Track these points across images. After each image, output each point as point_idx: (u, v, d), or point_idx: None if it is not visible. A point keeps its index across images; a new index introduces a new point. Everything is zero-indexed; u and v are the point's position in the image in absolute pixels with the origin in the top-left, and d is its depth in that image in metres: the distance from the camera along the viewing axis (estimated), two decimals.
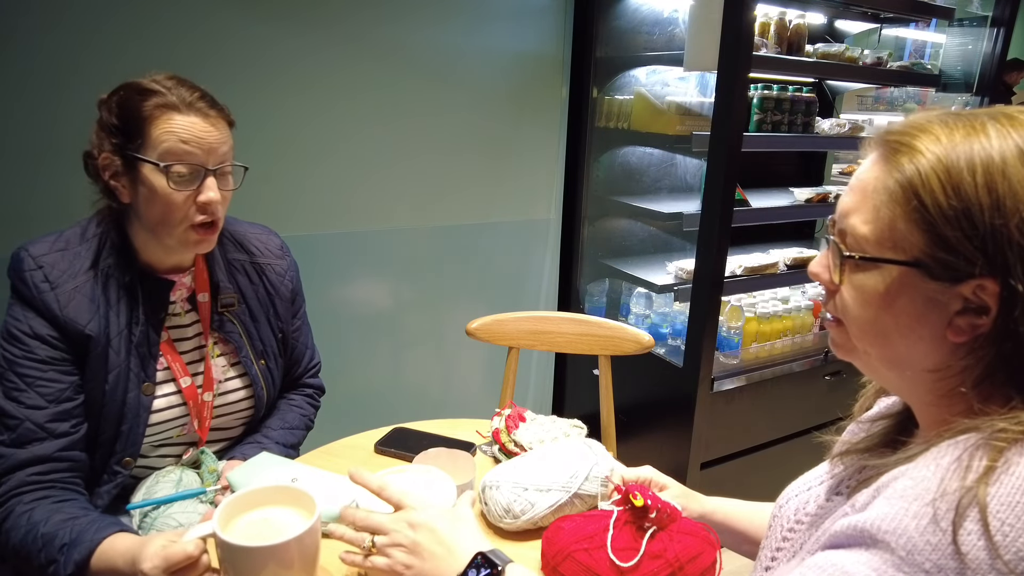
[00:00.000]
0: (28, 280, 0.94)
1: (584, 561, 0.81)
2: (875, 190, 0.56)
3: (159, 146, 0.93)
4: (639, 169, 2.38)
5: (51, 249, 0.97)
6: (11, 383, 0.93)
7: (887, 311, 0.57)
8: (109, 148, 0.95)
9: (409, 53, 1.90)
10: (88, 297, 0.97)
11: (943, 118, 0.56)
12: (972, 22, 2.30)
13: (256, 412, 1.17)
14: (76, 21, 1.46)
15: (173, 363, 1.05)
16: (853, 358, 0.65)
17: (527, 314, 1.60)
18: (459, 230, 2.15)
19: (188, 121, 0.94)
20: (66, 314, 0.95)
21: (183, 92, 0.95)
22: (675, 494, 0.94)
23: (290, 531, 0.74)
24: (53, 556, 0.86)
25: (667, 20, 2.14)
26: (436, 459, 1.01)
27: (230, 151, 1.00)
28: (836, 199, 2.24)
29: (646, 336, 1.51)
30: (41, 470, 0.93)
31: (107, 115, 0.95)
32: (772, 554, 0.70)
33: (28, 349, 0.94)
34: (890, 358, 0.60)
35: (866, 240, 0.57)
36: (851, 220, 0.58)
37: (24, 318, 0.95)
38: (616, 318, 2.38)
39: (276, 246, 1.21)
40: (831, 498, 0.68)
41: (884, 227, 0.56)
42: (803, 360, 2.11)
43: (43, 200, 1.49)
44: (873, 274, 0.57)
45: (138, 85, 0.95)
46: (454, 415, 1.37)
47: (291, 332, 1.22)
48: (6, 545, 0.90)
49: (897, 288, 0.56)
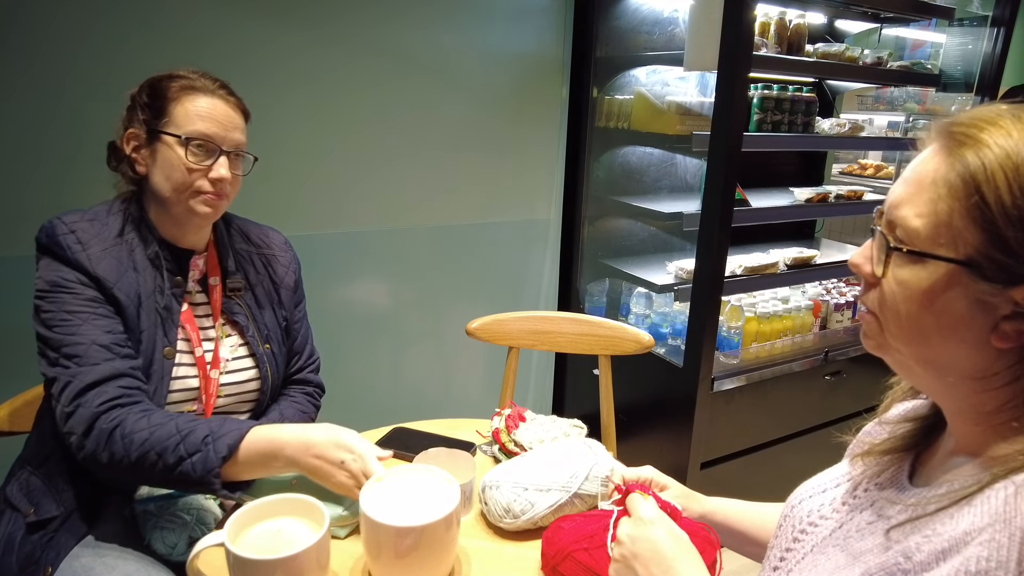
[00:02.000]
0: (63, 242, 1.00)
1: (584, 561, 0.81)
2: (933, 182, 0.53)
3: (182, 122, 1.03)
4: (639, 169, 2.38)
5: (81, 219, 1.04)
6: (65, 321, 0.97)
7: (929, 309, 0.54)
8: (137, 124, 1.05)
9: (409, 53, 1.90)
10: (116, 259, 1.03)
11: (1015, 112, 0.53)
12: (972, 22, 2.30)
13: (261, 395, 1.20)
14: (77, 22, 1.46)
15: (192, 332, 1.10)
16: (884, 354, 0.61)
17: (527, 314, 1.60)
18: (459, 230, 2.15)
19: (210, 103, 1.04)
20: (97, 271, 1.00)
21: (207, 81, 1.06)
22: (675, 494, 0.93)
23: (300, 543, 0.76)
24: (196, 447, 0.90)
25: (667, 20, 2.14)
26: (436, 459, 1.01)
27: (244, 139, 1.10)
28: (836, 199, 2.25)
29: (646, 336, 1.51)
30: (125, 384, 0.96)
31: (139, 95, 1.06)
32: (781, 554, 0.70)
33: (75, 292, 0.99)
34: (926, 358, 0.57)
35: (917, 234, 0.54)
36: (902, 211, 0.55)
37: (64, 271, 1.00)
38: (616, 318, 2.39)
39: (281, 241, 1.29)
40: (848, 502, 0.66)
41: (939, 222, 0.53)
42: (803, 360, 2.11)
43: (42, 200, 1.49)
44: (919, 269, 0.54)
45: (167, 73, 1.06)
46: (454, 415, 1.37)
47: (293, 322, 1.27)
48: (127, 451, 0.91)
49: (944, 286, 0.53)
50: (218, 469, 0.89)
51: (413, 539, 0.80)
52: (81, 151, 1.49)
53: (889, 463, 0.66)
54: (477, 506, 1.00)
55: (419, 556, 0.81)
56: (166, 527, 0.99)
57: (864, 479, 0.67)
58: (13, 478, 1.07)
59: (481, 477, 1.00)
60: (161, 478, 0.92)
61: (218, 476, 0.89)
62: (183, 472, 0.90)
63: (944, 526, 0.52)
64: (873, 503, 0.64)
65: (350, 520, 0.94)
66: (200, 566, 0.85)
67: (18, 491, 1.04)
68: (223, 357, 1.14)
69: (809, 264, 2.23)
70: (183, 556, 1.00)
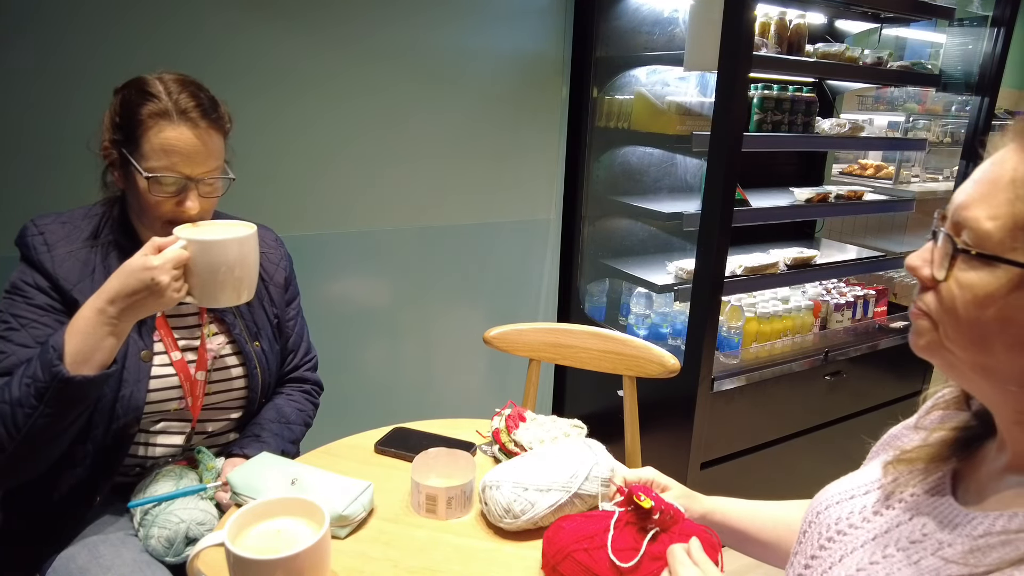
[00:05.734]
0: (30, 243, 1.03)
1: (583, 561, 0.80)
2: (1012, 182, 0.51)
3: (147, 155, 0.99)
4: (639, 169, 2.38)
5: (54, 221, 1.07)
6: (5, 323, 1.00)
7: (995, 316, 0.52)
8: (109, 140, 1.04)
9: (409, 53, 1.90)
10: (82, 262, 1.04)
11: None
12: (972, 22, 2.30)
13: (251, 393, 1.19)
14: (84, 24, 1.47)
15: (166, 337, 1.10)
16: (935, 356, 0.58)
17: (548, 326, 1.53)
18: (459, 230, 2.15)
19: (176, 132, 0.99)
20: (58, 273, 1.02)
21: (182, 99, 1.00)
22: (676, 495, 0.93)
23: (300, 543, 0.76)
24: (33, 366, 0.90)
25: (667, 20, 2.14)
26: (436, 459, 1.01)
27: (218, 162, 1.05)
28: (836, 199, 2.25)
29: (671, 359, 1.41)
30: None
31: (113, 110, 1.03)
32: (807, 561, 0.67)
33: (27, 296, 1.02)
34: (984, 366, 0.54)
35: (988, 236, 0.52)
36: (973, 212, 0.53)
37: (27, 273, 1.03)
38: (616, 318, 2.39)
39: (271, 238, 1.28)
40: (881, 512, 0.64)
41: (1013, 224, 0.50)
42: (803, 360, 2.11)
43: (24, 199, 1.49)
44: (987, 273, 0.52)
45: (143, 85, 1.01)
46: (454, 415, 1.37)
47: (286, 320, 1.27)
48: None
49: (1012, 291, 0.51)
50: (56, 360, 0.88)
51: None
52: (62, 149, 1.48)
53: (925, 473, 0.64)
54: (477, 506, 1.00)
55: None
56: (163, 527, 0.99)
57: (896, 489, 0.65)
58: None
59: (481, 477, 1.00)
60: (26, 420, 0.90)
61: (61, 359, 0.88)
62: (36, 389, 0.89)
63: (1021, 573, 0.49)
64: (911, 518, 0.61)
65: (350, 520, 0.94)
66: (200, 566, 0.85)
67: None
68: (211, 355, 1.14)
69: (809, 264, 2.23)
70: (180, 557, 1.00)
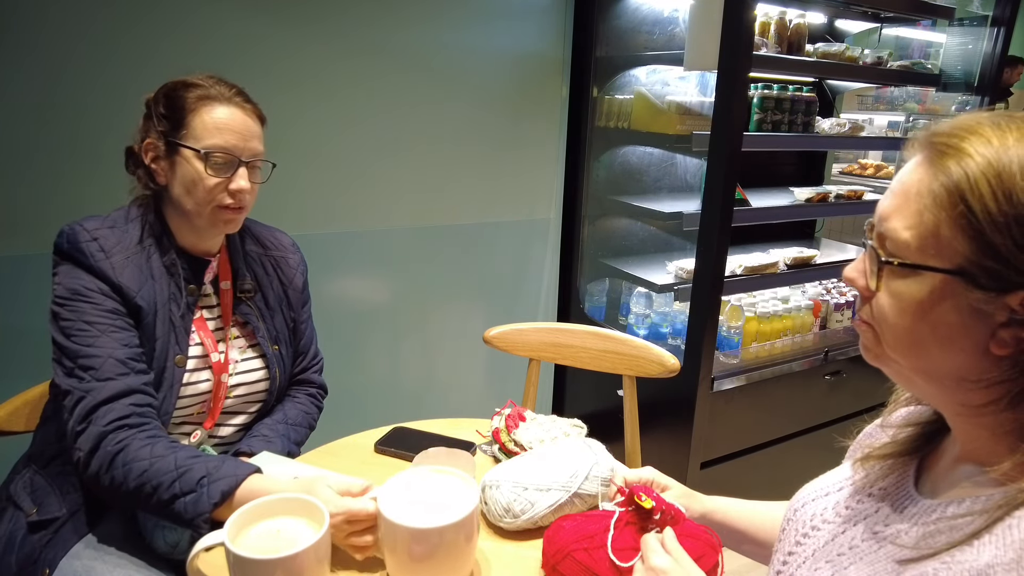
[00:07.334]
0: (85, 250, 0.99)
1: (583, 560, 0.81)
2: (919, 194, 0.54)
3: (200, 135, 1.01)
4: (639, 169, 2.38)
5: (102, 225, 1.04)
6: (83, 331, 0.97)
7: (925, 321, 0.54)
8: (155, 134, 1.04)
9: (409, 52, 1.90)
10: (138, 268, 1.03)
11: (994, 119, 0.53)
12: (972, 22, 2.30)
13: (269, 395, 1.20)
14: (97, 28, 1.47)
15: (206, 339, 1.10)
16: (883, 365, 0.61)
17: (548, 325, 1.54)
18: (459, 230, 2.15)
19: (228, 112, 1.03)
20: (120, 280, 1.00)
21: (222, 88, 1.05)
22: (676, 495, 0.93)
23: (300, 543, 0.76)
24: (191, 487, 0.89)
25: (667, 20, 2.14)
26: (436, 459, 1.01)
27: (262, 147, 1.09)
28: (836, 199, 2.25)
29: (671, 358, 1.42)
30: (136, 401, 0.96)
31: (155, 105, 1.04)
32: (784, 558, 0.70)
33: (95, 302, 0.98)
34: (924, 369, 0.57)
35: (907, 246, 0.54)
36: (891, 224, 0.56)
37: (85, 279, 0.99)
38: (616, 318, 2.39)
39: (289, 242, 1.30)
40: (850, 506, 0.66)
41: (927, 233, 0.53)
42: (803, 360, 2.11)
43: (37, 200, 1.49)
44: (913, 281, 0.54)
45: (182, 80, 1.05)
46: (454, 415, 1.37)
47: (300, 323, 1.28)
48: (125, 479, 0.91)
49: (938, 297, 0.53)
50: (208, 515, 0.88)
51: (431, 541, 0.79)
52: (76, 151, 1.49)
53: (892, 468, 0.66)
54: (481, 507, 1.00)
55: (436, 559, 0.80)
56: (168, 526, 0.99)
57: (866, 484, 0.67)
58: (17, 476, 1.07)
59: (481, 477, 1.00)
60: (155, 511, 0.92)
61: (207, 521, 0.89)
62: (175, 510, 0.89)
63: (964, 554, 0.51)
64: (877, 511, 0.64)
65: None
66: (200, 566, 0.85)
67: (22, 489, 1.04)
68: (233, 359, 1.15)
69: (809, 264, 2.23)
70: (185, 555, 1.00)
